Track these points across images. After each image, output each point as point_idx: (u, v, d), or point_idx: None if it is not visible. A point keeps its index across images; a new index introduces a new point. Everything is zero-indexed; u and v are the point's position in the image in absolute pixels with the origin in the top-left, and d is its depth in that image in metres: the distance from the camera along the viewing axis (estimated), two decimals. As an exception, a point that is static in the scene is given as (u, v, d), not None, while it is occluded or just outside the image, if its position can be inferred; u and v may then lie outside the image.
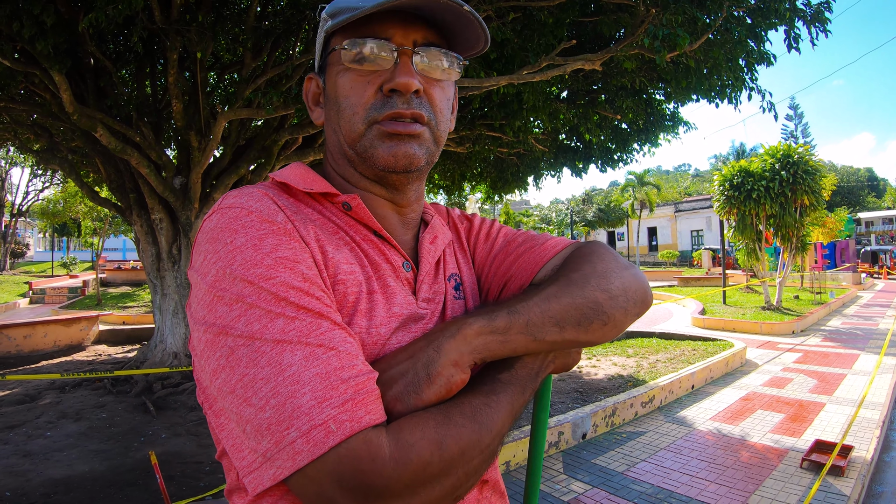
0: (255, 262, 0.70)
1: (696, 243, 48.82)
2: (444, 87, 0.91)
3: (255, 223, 0.74)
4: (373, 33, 0.85)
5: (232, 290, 0.68)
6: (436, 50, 0.88)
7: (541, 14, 5.99)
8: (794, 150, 15.10)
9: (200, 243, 0.76)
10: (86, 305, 19.60)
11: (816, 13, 6.53)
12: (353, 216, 0.89)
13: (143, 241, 7.96)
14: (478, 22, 0.87)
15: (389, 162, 0.85)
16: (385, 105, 0.84)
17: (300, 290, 0.70)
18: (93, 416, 6.54)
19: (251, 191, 0.80)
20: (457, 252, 1.06)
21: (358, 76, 0.86)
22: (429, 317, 0.89)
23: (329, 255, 0.79)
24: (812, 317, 14.30)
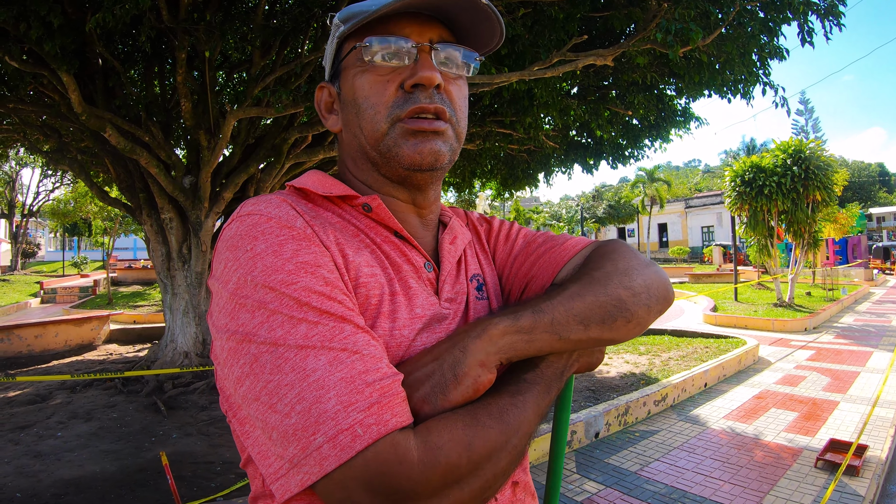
0: (276, 268, 0.69)
1: (706, 239, 48.57)
2: (460, 86, 0.91)
3: (275, 229, 0.73)
4: (389, 32, 0.85)
5: (254, 297, 0.68)
6: (452, 47, 0.88)
7: (551, 9, 5.94)
8: (806, 145, 14.97)
9: (220, 251, 0.76)
10: (97, 305, 19.70)
11: (830, 7, 6.46)
12: (374, 217, 0.88)
13: (153, 240, 7.97)
14: (495, 16, 0.87)
15: (415, 160, 0.85)
16: (407, 101, 0.84)
17: (322, 294, 0.69)
18: (103, 417, 6.55)
19: (269, 198, 0.80)
20: (478, 253, 1.06)
21: (377, 76, 0.86)
22: (452, 316, 0.89)
23: (350, 258, 0.79)
24: (824, 314, 14.22)
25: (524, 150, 9.95)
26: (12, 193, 34.53)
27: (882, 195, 68.76)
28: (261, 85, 6.63)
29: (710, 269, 32.71)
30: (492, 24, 0.89)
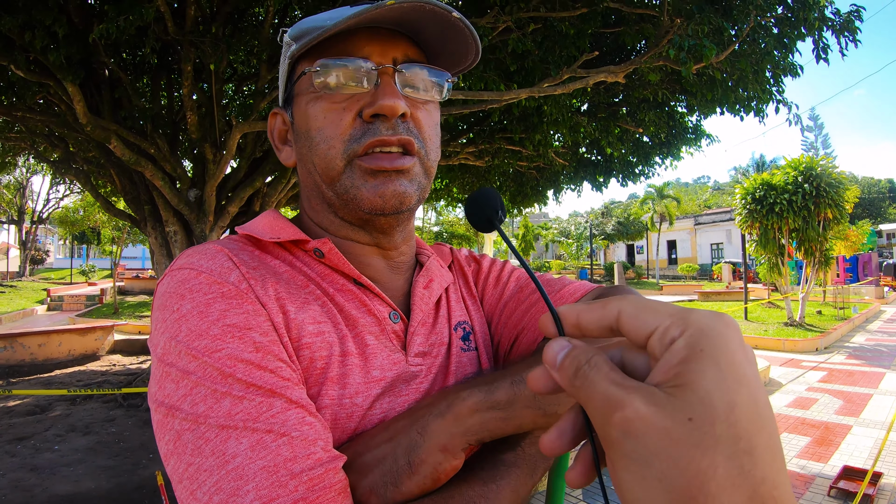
0: (201, 332, 0.61)
1: (715, 257, 48.42)
2: (430, 111, 0.79)
3: (204, 286, 0.65)
4: (346, 52, 0.73)
5: (178, 365, 0.60)
6: (420, 68, 0.76)
7: (562, 25, 5.88)
8: (817, 162, 14.89)
9: (153, 311, 0.68)
10: (103, 313, 19.71)
11: (846, 22, 6.41)
12: (328, 264, 0.77)
13: (157, 253, 7.93)
14: (468, 30, 0.75)
15: (377, 204, 0.74)
16: (366, 133, 0.73)
17: (250, 363, 0.61)
18: (102, 431, 6.51)
19: (206, 248, 0.72)
20: (465, 297, 0.93)
21: (332, 103, 0.74)
22: (424, 373, 0.78)
23: (291, 315, 0.69)
24: (835, 333, 14.07)
25: (533, 167, 9.90)
26: (22, 200, 34.81)
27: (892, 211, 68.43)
28: (268, 99, 6.60)
29: (719, 286, 32.51)
30: (464, 40, 0.78)
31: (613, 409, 0.37)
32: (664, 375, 0.37)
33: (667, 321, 0.40)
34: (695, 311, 0.39)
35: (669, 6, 5.89)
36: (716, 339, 0.37)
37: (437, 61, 0.81)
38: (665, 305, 0.42)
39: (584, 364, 0.41)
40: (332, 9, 0.82)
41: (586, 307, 0.45)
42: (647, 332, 0.40)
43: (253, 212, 8.17)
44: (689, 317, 0.39)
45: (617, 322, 0.43)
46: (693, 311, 0.39)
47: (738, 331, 0.39)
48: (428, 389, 0.77)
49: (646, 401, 0.36)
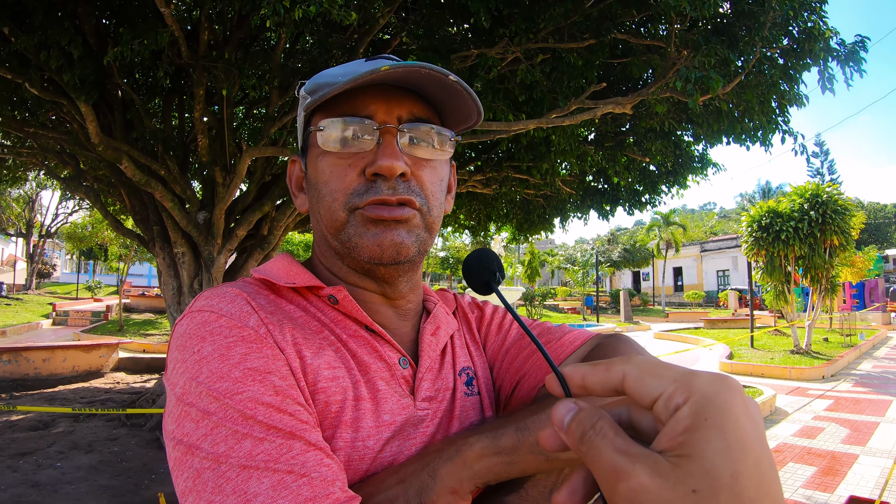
0: (222, 375, 0.63)
1: (722, 283, 48.22)
2: (435, 168, 0.81)
3: (224, 329, 0.67)
4: (353, 111, 0.77)
5: (199, 406, 0.62)
6: (424, 126, 0.79)
7: (570, 56, 5.94)
8: (823, 189, 14.89)
9: (171, 350, 0.70)
10: (108, 330, 19.73)
11: (851, 53, 6.45)
12: (341, 310, 0.79)
13: (164, 273, 7.97)
14: (467, 93, 0.78)
15: (375, 252, 0.77)
16: (368, 191, 0.76)
17: (270, 406, 0.63)
18: (104, 449, 6.49)
19: (225, 290, 0.74)
20: (468, 343, 0.96)
21: (338, 159, 0.77)
22: (430, 418, 0.81)
23: (308, 360, 0.71)
24: (842, 360, 13.99)
25: (540, 195, 9.94)
26: (31, 213, 35.01)
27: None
28: (277, 125, 6.66)
29: (725, 313, 32.36)
30: (464, 102, 0.80)
31: (618, 478, 0.39)
32: (669, 443, 0.38)
33: (671, 387, 0.41)
34: (698, 376, 0.41)
35: (676, 38, 5.95)
36: (720, 407, 0.38)
37: (444, 118, 0.84)
38: (668, 369, 0.43)
39: (589, 429, 0.43)
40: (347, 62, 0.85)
41: (591, 369, 0.47)
42: (651, 397, 0.42)
43: (261, 235, 8.21)
44: (692, 382, 0.40)
45: (622, 385, 0.44)
46: (696, 376, 0.41)
47: (742, 394, 0.40)
48: (433, 433, 0.80)
49: (650, 471, 0.37)
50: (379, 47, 6.98)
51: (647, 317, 35.35)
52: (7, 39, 5.73)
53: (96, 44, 6.30)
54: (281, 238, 8.50)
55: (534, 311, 29.18)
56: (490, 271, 0.75)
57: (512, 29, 5.70)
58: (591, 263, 43.92)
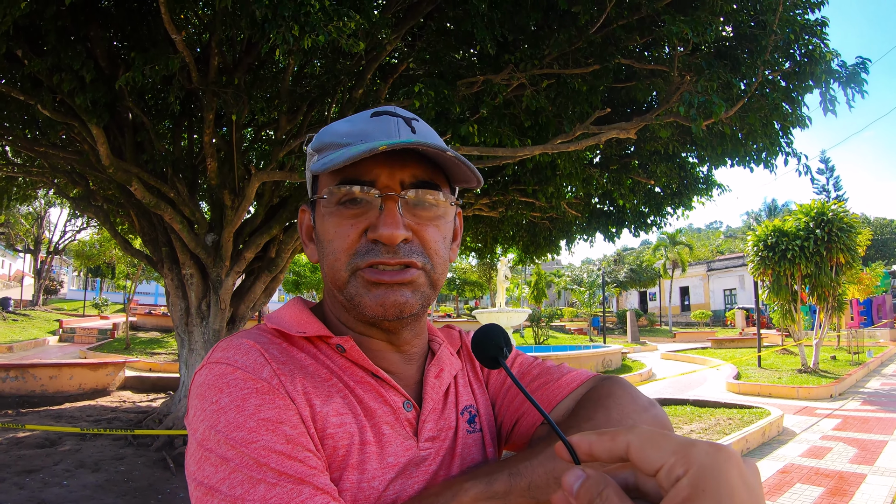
0: (238, 425, 0.69)
1: (729, 302, 47.82)
2: (439, 225, 0.85)
3: (240, 381, 0.73)
4: (357, 175, 0.80)
5: (217, 452, 0.68)
6: (425, 190, 0.82)
7: (574, 81, 6.01)
8: (828, 207, 14.88)
9: (191, 397, 0.76)
10: (114, 348, 19.77)
11: (852, 74, 6.48)
12: (348, 358, 0.84)
13: (172, 294, 8.02)
14: (465, 165, 0.82)
15: (378, 311, 0.80)
16: (369, 252, 0.80)
17: (282, 453, 0.69)
18: (111, 468, 6.48)
19: (240, 342, 0.79)
20: (472, 381, 1.00)
21: (342, 219, 0.81)
22: (433, 457, 0.85)
23: (317, 408, 0.76)
24: (850, 379, 13.91)
25: (546, 218, 9.99)
26: (39, 230, 35.22)
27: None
28: (286, 149, 6.73)
29: (732, 333, 32.18)
30: (464, 172, 0.85)
31: None
32: None
33: (671, 459, 0.45)
34: (696, 447, 0.45)
35: (679, 62, 6.02)
36: (716, 478, 0.42)
37: (450, 175, 0.88)
38: (668, 440, 0.47)
39: (596, 497, 0.47)
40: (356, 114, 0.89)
41: (597, 438, 0.52)
42: (654, 467, 0.46)
43: (269, 258, 8.25)
44: (690, 454, 0.44)
45: (626, 454, 0.49)
46: (694, 447, 0.45)
47: (739, 463, 0.44)
48: (436, 471, 0.84)
49: None
50: (387, 72, 7.06)
51: (654, 337, 35.18)
52: (21, 62, 5.84)
53: (108, 67, 6.39)
54: (288, 261, 8.54)
55: (540, 332, 29.05)
56: (497, 346, 0.79)
57: (517, 55, 5.79)
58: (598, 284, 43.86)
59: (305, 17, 4.12)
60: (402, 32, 6.19)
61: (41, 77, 5.80)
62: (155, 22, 6.31)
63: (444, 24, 6.66)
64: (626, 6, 5.78)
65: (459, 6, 5.77)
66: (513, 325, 18.01)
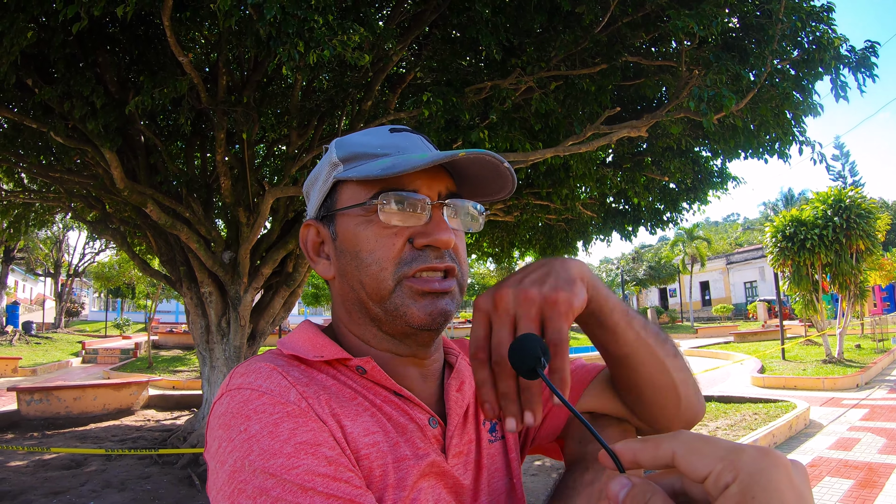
0: (275, 451, 0.66)
1: (750, 295, 47.23)
2: (462, 237, 0.88)
3: (268, 406, 0.70)
4: (399, 185, 0.80)
5: (253, 483, 0.65)
6: (462, 202, 0.84)
7: (583, 82, 5.99)
8: (846, 193, 14.74)
9: (213, 428, 0.72)
10: (137, 367, 19.93)
11: (862, 59, 6.41)
12: (370, 379, 0.82)
13: (192, 312, 8.08)
14: (511, 175, 0.84)
15: (426, 321, 0.80)
16: (416, 259, 0.80)
17: (326, 476, 0.66)
18: (137, 488, 6.53)
19: (259, 367, 0.77)
20: None
21: (384, 228, 0.81)
22: (462, 473, 0.85)
23: (348, 429, 0.75)
24: (875, 367, 13.76)
25: (562, 220, 9.96)
26: (58, 254, 35.68)
27: (927, 234, 66.71)
28: (298, 164, 6.77)
29: (755, 325, 31.86)
30: (505, 182, 0.87)
31: None
32: None
33: (718, 465, 0.45)
34: (744, 453, 0.44)
35: (687, 57, 5.99)
36: (765, 485, 0.42)
37: (475, 192, 0.89)
38: (714, 446, 0.47)
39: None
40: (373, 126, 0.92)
41: (641, 445, 0.51)
42: (701, 475, 0.46)
43: (286, 273, 8.29)
44: (738, 460, 0.44)
45: (671, 462, 0.48)
46: (742, 453, 0.44)
47: (787, 468, 0.44)
48: (476, 487, 0.85)
49: None
50: (394, 82, 7.10)
51: (676, 333, 34.86)
52: (31, 90, 5.92)
53: (118, 91, 6.47)
54: (306, 275, 8.58)
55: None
56: (535, 357, 0.79)
57: (524, 59, 5.79)
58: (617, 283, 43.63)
59: (310, 33, 4.14)
60: (408, 42, 6.22)
61: (52, 104, 5.86)
62: (162, 45, 6.38)
63: (449, 31, 6.69)
64: (630, 3, 5.76)
65: (463, 13, 5.79)
66: (532, 329, 18.06)
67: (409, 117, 6.44)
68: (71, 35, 4.96)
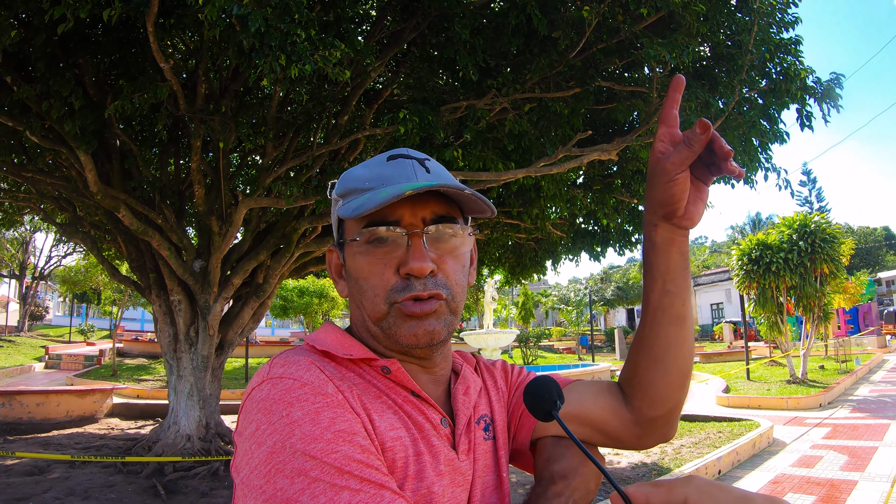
0: (316, 437, 0.73)
1: (716, 317, 48.05)
2: (457, 256, 0.93)
3: (309, 396, 0.77)
4: (382, 217, 0.88)
5: (292, 464, 0.71)
6: (444, 224, 0.90)
7: (556, 105, 6.11)
8: (811, 218, 15.17)
9: (250, 411, 0.78)
10: (101, 375, 19.55)
11: (827, 90, 6.64)
12: (392, 379, 0.91)
13: (161, 320, 7.99)
14: (482, 201, 0.91)
15: (412, 341, 0.88)
16: (405, 288, 0.88)
17: (361, 462, 0.73)
18: (101, 496, 6.41)
19: (299, 360, 0.83)
20: (490, 392, 1.09)
21: (374, 259, 0.89)
22: (469, 467, 0.94)
23: (376, 423, 0.82)
24: (839, 387, 14.11)
25: (531, 239, 10.04)
26: (24, 255, 34.89)
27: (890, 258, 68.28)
28: (272, 175, 6.78)
29: (721, 346, 32.41)
30: (479, 204, 0.93)
31: None
32: None
33: None
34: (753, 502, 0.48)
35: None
36: None
37: (465, 207, 0.97)
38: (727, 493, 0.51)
39: None
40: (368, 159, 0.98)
41: (654, 490, 0.55)
42: None
43: (257, 283, 8.25)
44: None
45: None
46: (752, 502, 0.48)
47: None
48: (472, 481, 0.94)
49: None
50: (371, 98, 7.15)
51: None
52: (10, 88, 5.85)
53: (96, 94, 6.42)
54: (276, 286, 8.54)
55: (529, 352, 29.24)
56: (552, 401, 0.87)
57: (499, 80, 5.90)
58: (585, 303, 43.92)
59: (292, 47, 4.19)
60: (386, 59, 6.29)
61: (30, 103, 5.81)
62: (143, 50, 6.36)
63: (427, 50, 6.78)
64: (604, 30, 5.89)
65: (442, 33, 5.88)
66: (501, 347, 18.05)
67: (385, 133, 6.50)
68: (55, 35, 4.93)
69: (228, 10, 4.04)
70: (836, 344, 20.87)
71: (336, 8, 5.66)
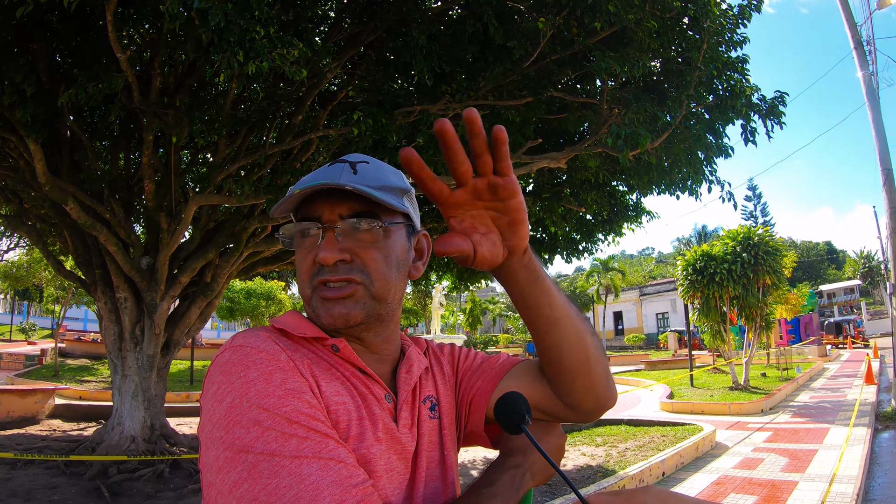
0: (269, 393, 0.83)
1: (661, 326, 49.28)
2: (380, 247, 0.99)
3: (264, 361, 0.87)
4: (306, 213, 0.99)
5: (249, 416, 0.81)
6: (356, 220, 0.97)
7: (508, 113, 6.23)
8: (754, 232, 15.66)
9: (213, 374, 0.88)
10: (42, 375, 18.87)
11: (771, 108, 6.89)
12: (342, 356, 1.00)
13: (105, 318, 7.80)
14: (390, 203, 0.97)
15: (329, 321, 0.97)
16: (318, 273, 0.97)
17: (308, 415, 0.83)
18: (44, 498, 6.24)
19: (257, 333, 0.94)
20: (435, 375, 1.17)
21: (302, 249, 1.00)
22: (409, 440, 1.02)
23: (322, 388, 0.92)
24: (780, 394, 14.48)
25: (479, 245, 9.98)
26: (-38, 250, 33.42)
27: (831, 272, 71.06)
28: (224, 173, 6.72)
29: (665, 355, 33.17)
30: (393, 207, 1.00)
31: None
32: None
33: None
34: None
35: (609, 96, 6.34)
36: None
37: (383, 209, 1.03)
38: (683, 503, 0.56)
39: None
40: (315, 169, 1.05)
41: (613, 498, 0.61)
42: None
43: (204, 282, 8.14)
44: None
45: None
46: None
47: None
48: (412, 452, 1.03)
49: None
50: (326, 99, 7.15)
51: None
52: (-42, 71, 5.66)
53: (49, 82, 6.23)
54: (224, 286, 8.44)
55: (475, 359, 29.25)
56: (521, 416, 0.96)
57: (454, 86, 6.00)
58: (533, 310, 44.30)
59: (250, 44, 4.20)
60: (343, 61, 6.33)
61: (-21, 90, 5.63)
62: (99, 39, 6.20)
63: (384, 54, 6.83)
64: (559, 42, 6.03)
65: (400, 37, 5.94)
66: (447, 353, 18.13)
67: (338, 135, 6.51)
68: (13, 19, 4.80)
69: (189, 4, 4.02)
70: (777, 353, 21.46)
71: (296, 7, 5.68)
